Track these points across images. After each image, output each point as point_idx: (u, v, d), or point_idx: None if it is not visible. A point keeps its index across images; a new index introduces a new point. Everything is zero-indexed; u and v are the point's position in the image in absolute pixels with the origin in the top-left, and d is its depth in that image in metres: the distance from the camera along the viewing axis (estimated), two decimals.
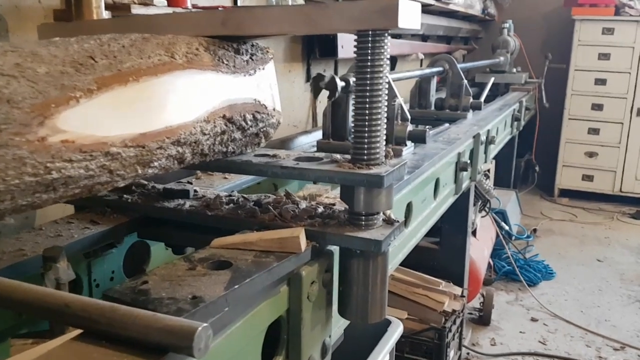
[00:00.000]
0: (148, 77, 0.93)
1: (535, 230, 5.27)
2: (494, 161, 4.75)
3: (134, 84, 0.90)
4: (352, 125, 1.20)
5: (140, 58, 0.94)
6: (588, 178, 6.33)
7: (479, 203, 3.53)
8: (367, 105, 1.17)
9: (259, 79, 1.26)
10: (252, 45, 1.29)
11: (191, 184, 1.45)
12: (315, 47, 3.08)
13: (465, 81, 3.32)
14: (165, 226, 1.33)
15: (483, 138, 2.99)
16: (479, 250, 3.59)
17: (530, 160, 6.39)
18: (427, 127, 3.78)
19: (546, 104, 6.00)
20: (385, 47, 1.16)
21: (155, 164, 0.96)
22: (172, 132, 0.96)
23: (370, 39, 1.15)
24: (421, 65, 4.83)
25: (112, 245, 1.35)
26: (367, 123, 1.18)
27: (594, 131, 6.23)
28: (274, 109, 1.32)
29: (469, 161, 2.62)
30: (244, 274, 0.93)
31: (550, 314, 3.77)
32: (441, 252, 3.23)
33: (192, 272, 0.93)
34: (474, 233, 3.66)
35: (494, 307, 3.65)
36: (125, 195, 1.34)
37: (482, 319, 3.61)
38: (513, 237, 4.55)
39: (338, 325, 1.33)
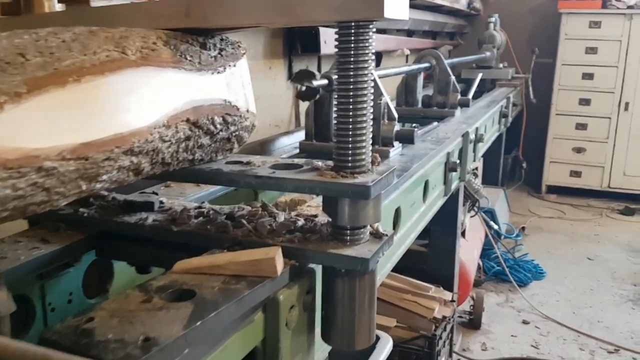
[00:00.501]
0: (93, 77, 0.79)
1: (523, 228, 5.18)
2: (482, 159, 4.65)
3: (75, 85, 0.76)
4: (335, 129, 1.06)
5: (83, 54, 0.80)
6: (576, 174, 6.26)
7: (468, 203, 3.42)
8: (351, 107, 1.04)
9: (229, 77, 1.12)
10: (222, 40, 1.15)
11: (156, 194, 1.31)
12: (297, 43, 2.94)
13: (453, 77, 3.20)
14: (126, 243, 1.19)
15: (472, 136, 2.88)
16: (468, 252, 3.48)
17: (518, 157, 6.31)
18: (415, 125, 3.67)
19: (533, 100, 5.92)
20: (370, 40, 1.03)
21: (104, 177, 0.83)
22: (122, 140, 0.82)
23: (353, 31, 1.02)
24: (407, 62, 4.71)
25: (68, 265, 1.21)
26: (351, 126, 1.05)
27: (582, 126, 6.16)
28: (247, 111, 1.18)
29: (458, 161, 2.51)
30: (209, 305, 0.80)
31: (541, 315, 3.68)
32: (430, 255, 3.12)
33: (147, 305, 0.79)
34: (463, 234, 3.55)
35: (485, 310, 3.55)
36: (81, 209, 1.20)
37: (473, 322, 3.50)
38: (502, 237, 4.46)
39: (322, 349, 1.20)
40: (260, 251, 0.92)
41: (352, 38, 1.01)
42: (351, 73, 1.03)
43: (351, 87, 1.03)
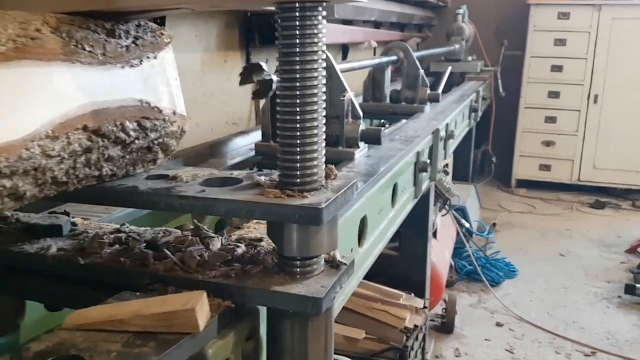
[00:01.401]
0: None
1: (494, 224, 5.06)
2: (452, 155, 4.50)
3: None
4: (279, 137, 0.86)
5: None
6: (545, 167, 6.18)
7: (439, 202, 3.25)
8: (298, 109, 0.84)
9: (148, 71, 0.91)
10: (139, 26, 0.93)
11: (68, 213, 1.08)
12: (255, 34, 2.72)
13: (422, 71, 3.03)
14: (30, 277, 0.97)
15: (442, 133, 2.71)
16: (440, 253, 3.32)
17: (487, 151, 6.21)
18: (383, 121, 3.49)
19: (502, 93, 5.81)
20: (320, 26, 0.83)
21: None
22: None
23: (297, 14, 0.81)
24: (375, 55, 4.52)
25: None
26: (298, 133, 0.85)
27: (551, 119, 6.08)
28: (174, 113, 0.97)
29: (428, 160, 2.33)
30: None
31: (515, 317, 3.54)
32: (401, 259, 2.95)
33: None
34: (434, 234, 3.39)
35: (457, 313, 3.40)
36: None
37: (445, 326, 3.34)
38: (474, 235, 4.32)
39: None
40: (177, 298, 0.71)
41: (297, 23, 0.81)
42: (297, 67, 0.83)
43: (297, 84, 0.83)
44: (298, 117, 0.84)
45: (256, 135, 2.14)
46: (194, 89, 2.43)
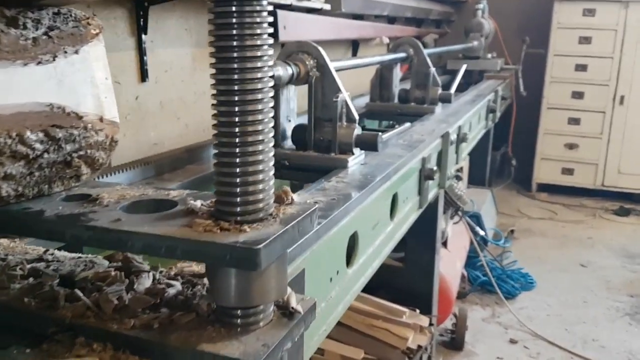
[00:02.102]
0: None
1: (512, 231, 4.83)
2: (467, 157, 4.29)
3: None
4: (214, 153, 0.68)
5: None
6: (568, 171, 5.92)
7: (450, 210, 3.05)
8: (237, 119, 0.66)
9: (64, 69, 0.74)
10: (57, 14, 0.76)
11: None
12: None
13: (433, 69, 2.83)
14: None
15: (453, 137, 2.50)
16: (450, 264, 3.12)
17: (507, 154, 5.96)
18: (392, 123, 3.29)
19: (523, 93, 5.55)
20: (263, 15, 0.65)
21: None
22: None
23: (235, 2, 0.63)
24: (388, 51, 4.32)
25: None
26: (237, 150, 0.67)
27: (575, 121, 5.81)
28: (100, 119, 0.80)
29: (435, 168, 2.13)
30: None
31: (531, 333, 3.33)
32: (406, 270, 2.76)
33: None
34: (444, 243, 3.19)
35: (468, 328, 3.19)
36: None
37: (455, 342, 3.14)
38: (489, 243, 4.10)
39: None
40: None
41: (234, 13, 0.63)
42: (235, 67, 0.65)
43: (236, 89, 0.65)
44: (237, 130, 0.66)
45: None
46: (183, 87, 2.26)
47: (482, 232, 3.79)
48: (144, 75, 2.02)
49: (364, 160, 1.75)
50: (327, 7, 2.86)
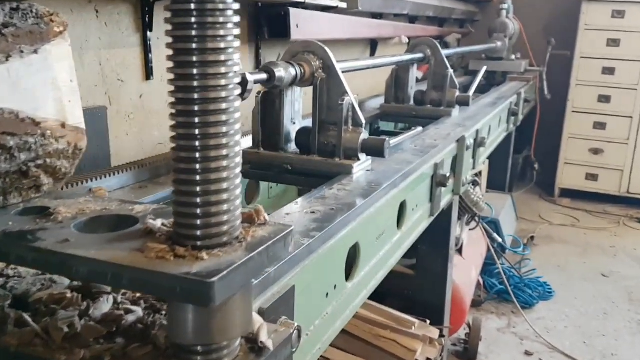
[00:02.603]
0: None
1: (532, 237, 4.69)
2: (486, 161, 4.17)
3: None
4: (173, 169, 0.61)
5: None
6: (592, 177, 5.74)
7: (466, 217, 2.95)
8: (197, 132, 0.59)
9: (19, 71, 0.68)
10: (15, 10, 0.70)
11: None
12: (264, 26, 2.48)
13: (451, 71, 2.73)
14: None
15: (470, 141, 2.41)
16: (465, 272, 3.02)
17: (529, 157, 5.80)
18: (406, 126, 3.20)
19: (548, 95, 5.40)
20: (227, 14, 0.57)
21: None
22: None
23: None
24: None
25: None
26: (198, 167, 0.59)
27: (600, 125, 5.63)
28: (62, 126, 0.73)
29: (448, 174, 2.03)
30: None
31: (547, 345, 3.21)
32: (417, 279, 2.66)
33: None
34: (459, 250, 3.09)
35: (482, 339, 3.09)
36: None
37: (468, 353, 3.04)
38: (507, 251, 3.97)
39: None
40: None
41: (194, 7, 0.55)
42: (194, 73, 0.57)
43: (196, 98, 0.58)
44: (198, 144, 0.59)
45: (247, 142, 1.90)
46: None
47: (499, 239, 3.67)
48: (148, 73, 1.96)
49: (371, 166, 1.67)
50: (343, 5, 2.78)
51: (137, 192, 1.38)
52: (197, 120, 0.57)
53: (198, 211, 0.59)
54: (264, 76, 1.43)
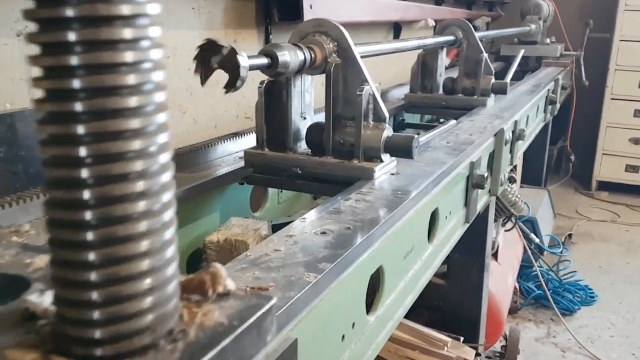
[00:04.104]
0: None
1: (570, 235, 4.36)
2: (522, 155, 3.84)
3: None
4: (46, 221, 0.34)
5: None
6: (632, 169, 5.38)
7: (502, 219, 2.66)
8: (84, 154, 0.31)
9: None
10: None
11: None
12: (273, 7, 2.21)
13: (485, 55, 2.43)
14: None
15: (509, 135, 2.12)
16: (501, 279, 2.73)
17: (565, 148, 5.45)
18: (433, 118, 2.90)
19: (585, 82, 5.04)
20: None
21: None
22: None
23: None
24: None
25: None
26: (89, 215, 0.32)
27: None
28: None
29: (486, 174, 1.75)
30: None
31: (591, 357, 2.91)
32: (449, 289, 2.39)
33: None
34: (495, 255, 2.80)
35: (520, 351, 2.80)
36: None
37: None
38: (544, 252, 3.66)
39: None
40: None
41: None
42: (78, 71, 0.30)
43: (74, 111, 0.30)
44: (86, 177, 0.32)
45: (249, 140, 1.64)
46: (190, 76, 1.94)
47: (536, 240, 3.36)
48: None
49: (396, 169, 1.40)
50: None
51: None
52: (82, 131, 0.31)
53: (94, 296, 0.33)
54: (263, 61, 1.16)
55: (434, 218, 1.47)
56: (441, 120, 2.70)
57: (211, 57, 1.06)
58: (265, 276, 0.82)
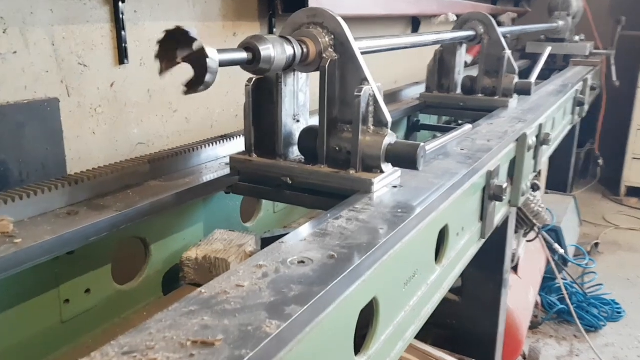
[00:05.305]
0: None
1: (597, 244, 4.13)
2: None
3: None
4: None
5: None
6: None
7: (524, 230, 2.46)
8: None
9: None
10: None
11: None
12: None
13: (509, 52, 2.23)
14: None
15: (532, 140, 1.93)
16: (521, 295, 2.54)
17: (592, 151, 5.21)
18: (450, 119, 2.71)
19: (616, 82, 4.78)
20: None
21: None
22: None
23: None
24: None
25: None
26: None
27: None
28: None
29: (505, 185, 1.56)
30: None
31: None
32: (464, 306, 2.20)
33: None
34: (515, 268, 2.60)
35: None
36: None
37: None
38: (569, 263, 3.44)
39: None
40: None
41: None
42: None
43: None
44: None
45: (237, 144, 1.48)
46: (182, 72, 1.79)
47: (561, 250, 3.15)
48: (122, 56, 1.56)
49: (399, 180, 1.22)
50: None
51: (59, 222, 0.98)
52: None
53: None
54: (242, 55, 1.00)
55: (443, 236, 1.30)
56: (460, 122, 2.52)
57: (177, 49, 0.89)
58: (215, 324, 0.65)
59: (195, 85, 0.90)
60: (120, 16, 1.53)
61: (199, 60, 0.88)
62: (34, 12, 1.34)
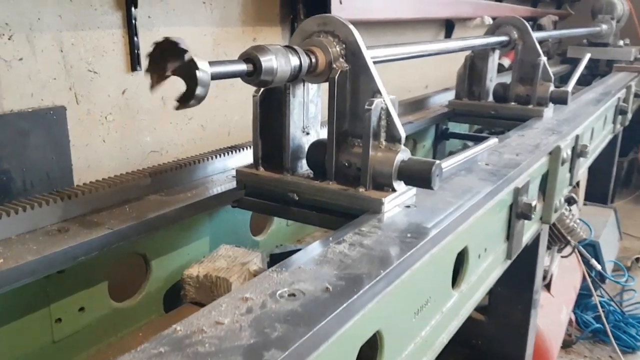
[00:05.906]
0: None
1: (638, 259, 3.92)
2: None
3: None
4: None
5: None
6: None
7: (558, 246, 2.33)
8: None
9: None
10: None
11: None
12: (299, 2, 1.98)
13: (544, 59, 2.11)
14: None
15: (566, 153, 1.80)
16: (553, 314, 2.41)
17: (636, 160, 4.96)
18: (480, 129, 2.60)
19: None
20: None
21: None
22: None
23: None
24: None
25: None
26: None
27: None
28: None
29: (534, 203, 1.45)
30: None
31: None
32: (490, 325, 2.09)
33: None
34: (547, 285, 2.47)
35: None
36: None
37: None
38: (606, 280, 3.27)
39: None
40: None
41: None
42: None
43: None
44: None
45: (246, 155, 1.42)
46: None
47: (598, 266, 2.98)
48: (134, 63, 1.52)
49: (414, 199, 1.14)
50: None
51: (47, 240, 0.93)
52: None
53: None
54: (241, 67, 0.93)
55: (462, 258, 1.21)
56: (487, 132, 2.40)
57: (168, 61, 0.83)
58: None
59: (186, 99, 0.84)
60: (133, 22, 1.49)
61: (189, 72, 0.81)
62: (41, 18, 1.30)
